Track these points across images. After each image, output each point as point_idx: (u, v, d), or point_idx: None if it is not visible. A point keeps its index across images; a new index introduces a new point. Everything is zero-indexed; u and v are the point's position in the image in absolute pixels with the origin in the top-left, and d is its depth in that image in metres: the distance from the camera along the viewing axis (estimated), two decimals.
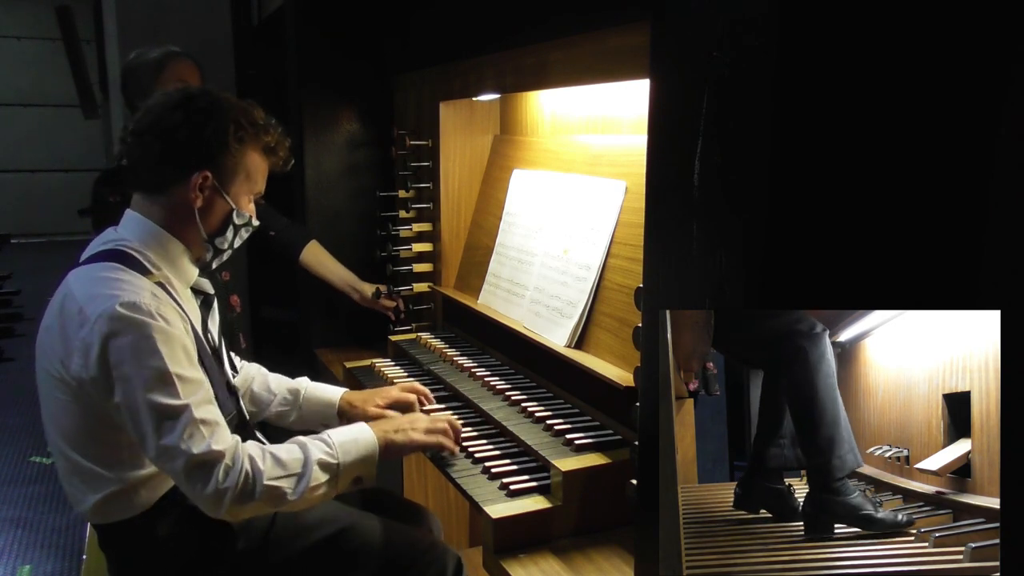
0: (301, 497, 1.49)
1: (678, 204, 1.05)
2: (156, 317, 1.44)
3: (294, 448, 1.53)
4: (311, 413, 1.92)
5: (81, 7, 8.47)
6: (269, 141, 1.63)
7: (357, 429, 1.63)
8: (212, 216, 1.61)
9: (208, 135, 1.54)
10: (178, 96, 1.57)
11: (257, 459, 1.46)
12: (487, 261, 2.35)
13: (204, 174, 1.55)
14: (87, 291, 1.46)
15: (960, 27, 0.96)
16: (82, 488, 1.56)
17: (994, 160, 1.00)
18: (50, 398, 1.53)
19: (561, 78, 1.86)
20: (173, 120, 1.53)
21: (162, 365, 1.41)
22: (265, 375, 1.98)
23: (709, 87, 0.98)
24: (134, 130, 1.56)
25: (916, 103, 0.96)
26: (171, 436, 1.40)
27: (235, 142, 1.56)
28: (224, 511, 1.44)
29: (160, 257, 1.57)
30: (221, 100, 1.58)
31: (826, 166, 0.93)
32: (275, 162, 1.67)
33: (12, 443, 4.50)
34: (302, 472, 1.50)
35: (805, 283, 0.96)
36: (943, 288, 1.02)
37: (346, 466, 1.55)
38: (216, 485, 1.42)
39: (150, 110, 1.56)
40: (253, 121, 1.59)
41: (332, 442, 1.56)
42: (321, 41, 2.88)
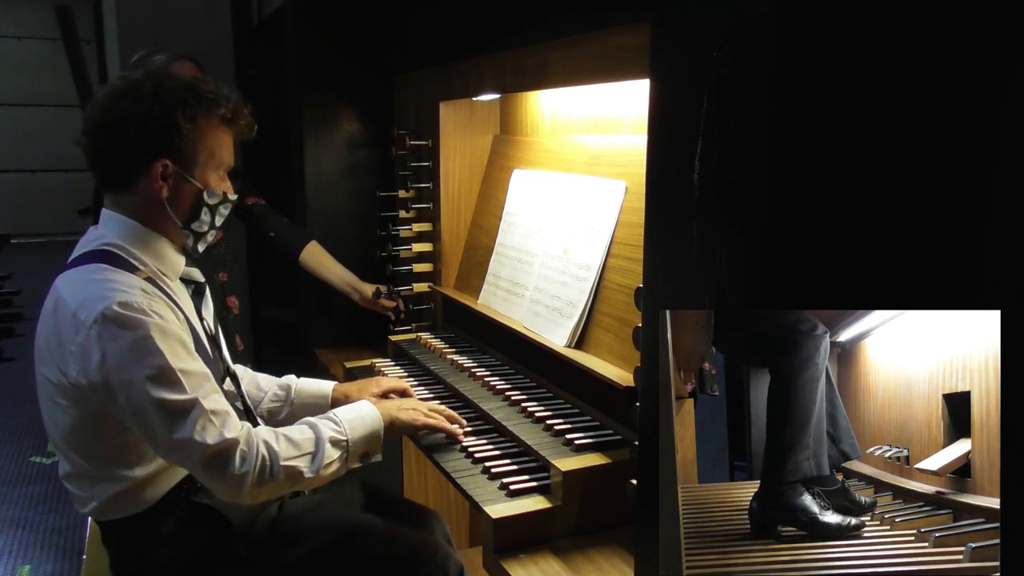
0: (316, 475, 1.53)
1: (678, 204, 1.05)
2: (151, 314, 1.42)
3: (304, 428, 1.57)
4: (304, 407, 1.91)
5: (81, 7, 8.45)
6: (224, 113, 1.57)
7: (362, 406, 1.68)
8: (182, 202, 1.56)
9: (157, 121, 1.48)
10: (120, 86, 1.52)
11: (271, 442, 1.49)
12: (487, 261, 2.35)
13: (163, 162, 1.51)
14: (78, 294, 1.44)
15: (960, 26, 0.96)
16: (86, 489, 1.56)
17: (994, 160, 1.00)
18: (50, 402, 1.53)
19: (561, 78, 1.86)
20: (119, 112, 1.48)
21: (164, 363, 1.41)
22: (253, 374, 1.97)
23: (709, 87, 0.98)
24: (84, 129, 1.53)
25: (916, 103, 0.96)
26: (184, 431, 1.40)
27: (186, 122, 1.51)
28: (245, 495, 1.45)
29: (144, 252, 1.55)
30: (166, 81, 1.52)
31: (826, 166, 0.93)
32: (238, 131, 1.62)
33: (12, 443, 4.50)
34: (315, 450, 1.54)
35: (805, 283, 0.96)
36: (943, 288, 1.02)
37: (355, 442, 1.60)
38: (234, 471, 1.43)
39: (96, 105, 1.52)
40: (201, 96, 1.53)
41: (339, 419, 1.61)
42: (321, 41, 2.88)
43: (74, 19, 7.91)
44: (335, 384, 1.96)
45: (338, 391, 1.93)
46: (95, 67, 7.71)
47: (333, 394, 1.92)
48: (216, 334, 1.72)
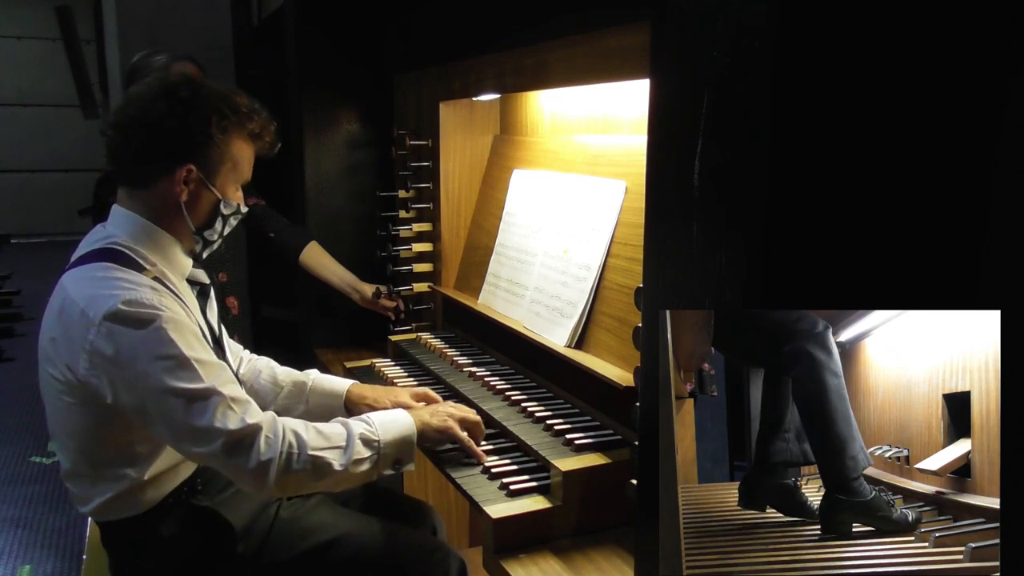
0: (346, 470, 1.50)
1: (678, 204, 1.05)
2: (162, 308, 1.42)
3: (335, 424, 1.56)
4: (317, 405, 1.88)
5: (81, 7, 8.47)
6: (254, 128, 1.59)
7: (394, 412, 1.66)
8: (199, 208, 1.57)
9: (191, 127, 1.50)
10: (159, 86, 1.52)
11: (300, 431, 1.47)
12: (487, 261, 2.35)
13: (188, 167, 1.51)
14: (86, 292, 1.44)
15: (961, 26, 0.96)
16: (87, 488, 1.55)
17: (994, 160, 1.00)
18: (56, 401, 1.51)
19: (561, 78, 1.86)
20: (155, 112, 1.49)
21: (178, 352, 1.40)
22: (273, 368, 1.95)
23: (709, 87, 0.98)
24: (115, 122, 1.52)
25: (916, 103, 0.96)
26: (204, 418, 1.39)
27: (219, 132, 1.52)
28: (271, 482, 1.42)
29: (152, 252, 1.55)
30: (203, 89, 1.53)
31: (826, 166, 0.93)
32: (261, 147, 1.64)
33: (12, 443, 4.49)
34: (346, 445, 1.51)
35: (805, 283, 0.96)
36: (943, 288, 1.02)
37: (386, 444, 1.57)
38: (259, 457, 1.41)
39: (131, 102, 1.52)
40: (236, 109, 1.55)
41: (371, 420, 1.59)
42: (321, 41, 2.88)
43: (74, 19, 7.93)
44: (352, 383, 1.91)
45: (353, 390, 1.89)
46: (95, 67, 7.72)
47: (348, 393, 1.88)
48: (220, 336, 1.72)
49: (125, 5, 4.39)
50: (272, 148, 1.66)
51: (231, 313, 2.76)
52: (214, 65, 3.62)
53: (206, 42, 4.20)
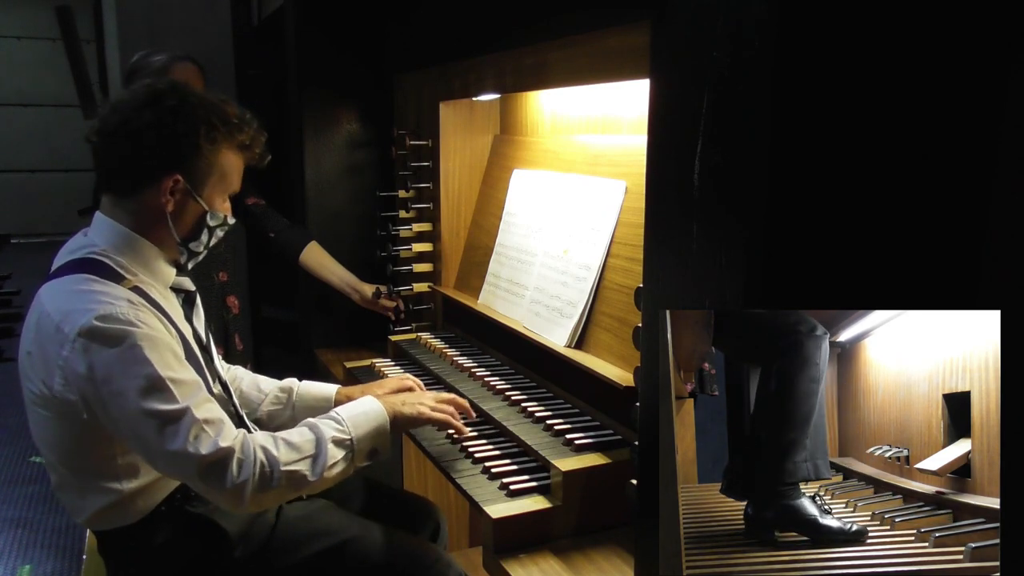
0: (320, 477, 1.47)
1: (678, 204, 1.05)
2: (138, 324, 1.39)
3: (304, 431, 1.52)
4: (306, 410, 1.85)
5: (81, 7, 8.46)
6: (243, 139, 1.56)
7: (364, 402, 1.62)
8: (184, 219, 1.54)
9: (178, 137, 1.46)
10: (145, 94, 1.48)
11: (270, 447, 1.44)
12: (487, 261, 2.35)
13: (175, 177, 1.48)
14: (61, 307, 1.41)
15: (961, 25, 0.96)
16: (76, 500, 1.54)
17: (995, 160, 1.00)
18: (36, 415, 1.50)
19: (561, 78, 1.86)
20: (141, 121, 1.45)
21: (153, 372, 1.37)
22: (253, 376, 1.93)
23: (709, 87, 0.98)
24: (100, 130, 1.49)
25: (916, 103, 0.96)
26: (176, 441, 1.36)
27: (207, 143, 1.49)
28: (246, 504, 1.41)
29: (133, 261, 1.52)
30: (190, 98, 1.49)
31: (826, 166, 0.93)
32: (251, 158, 1.61)
33: (12, 443, 4.49)
34: (317, 452, 1.48)
35: (805, 283, 0.96)
36: (943, 288, 1.02)
37: (359, 439, 1.54)
38: (233, 481, 1.38)
39: (116, 109, 1.48)
40: (225, 119, 1.51)
41: (341, 418, 1.55)
42: (321, 41, 2.89)
43: (74, 19, 7.92)
44: (338, 387, 1.90)
45: (341, 394, 1.87)
46: (95, 67, 7.72)
47: (336, 397, 1.87)
48: (208, 344, 1.69)
49: (125, 5, 4.39)
50: (262, 159, 1.63)
51: (232, 312, 2.76)
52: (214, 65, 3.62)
53: (206, 42, 4.20)
